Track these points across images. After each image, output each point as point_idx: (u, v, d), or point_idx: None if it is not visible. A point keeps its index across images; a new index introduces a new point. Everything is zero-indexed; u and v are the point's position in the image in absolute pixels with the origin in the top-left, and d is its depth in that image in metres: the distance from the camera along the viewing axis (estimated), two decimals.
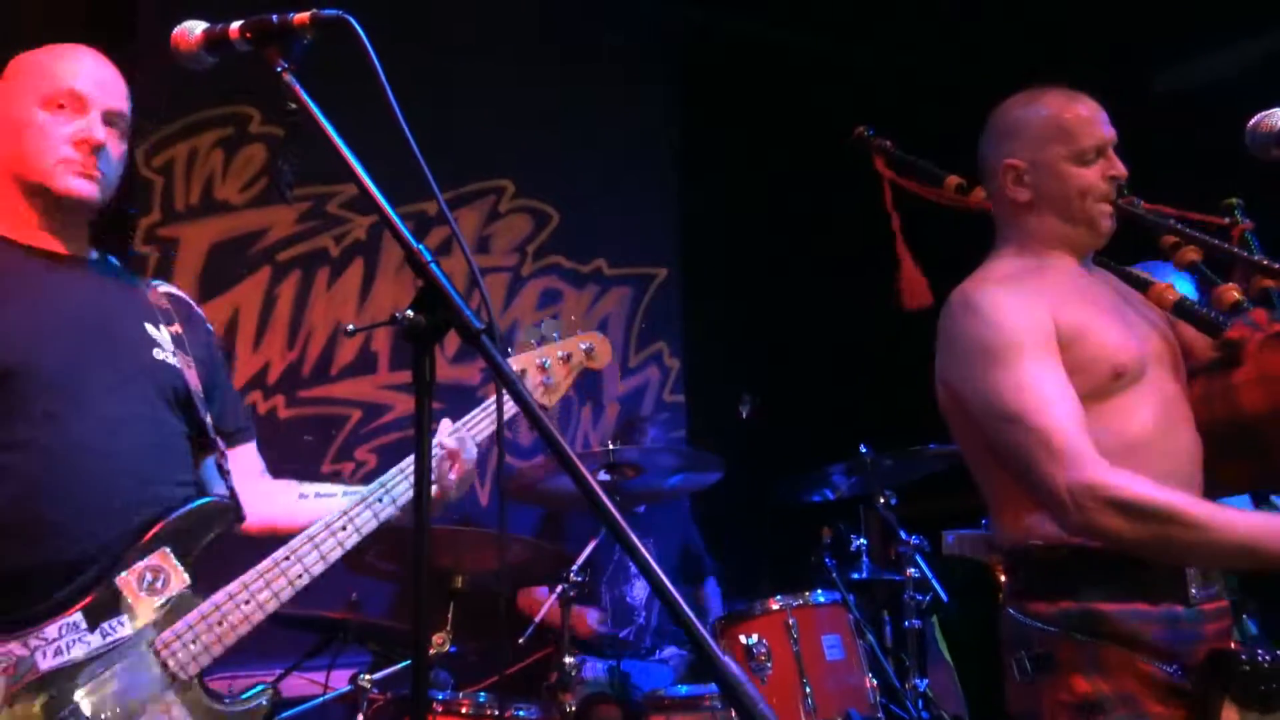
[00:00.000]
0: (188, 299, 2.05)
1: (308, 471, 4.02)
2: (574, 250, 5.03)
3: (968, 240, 2.09)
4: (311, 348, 4.37)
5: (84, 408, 1.75)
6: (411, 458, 1.88)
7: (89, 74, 1.85)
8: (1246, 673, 1.72)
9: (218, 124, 4.21)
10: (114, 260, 1.99)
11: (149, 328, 1.88)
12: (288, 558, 1.81)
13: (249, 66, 1.39)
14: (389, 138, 1.33)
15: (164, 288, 2.02)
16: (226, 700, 1.78)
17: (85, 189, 1.82)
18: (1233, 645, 1.81)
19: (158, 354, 1.87)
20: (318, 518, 1.89)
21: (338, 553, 1.85)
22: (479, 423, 2.04)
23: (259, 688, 1.82)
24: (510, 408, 1.95)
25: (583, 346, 2.19)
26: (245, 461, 2.06)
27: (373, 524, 1.88)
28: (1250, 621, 1.92)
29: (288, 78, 1.31)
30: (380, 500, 1.89)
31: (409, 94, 1.36)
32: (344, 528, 1.86)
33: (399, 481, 1.92)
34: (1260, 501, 2.44)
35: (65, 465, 1.72)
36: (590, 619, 3.83)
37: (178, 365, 1.89)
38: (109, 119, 1.84)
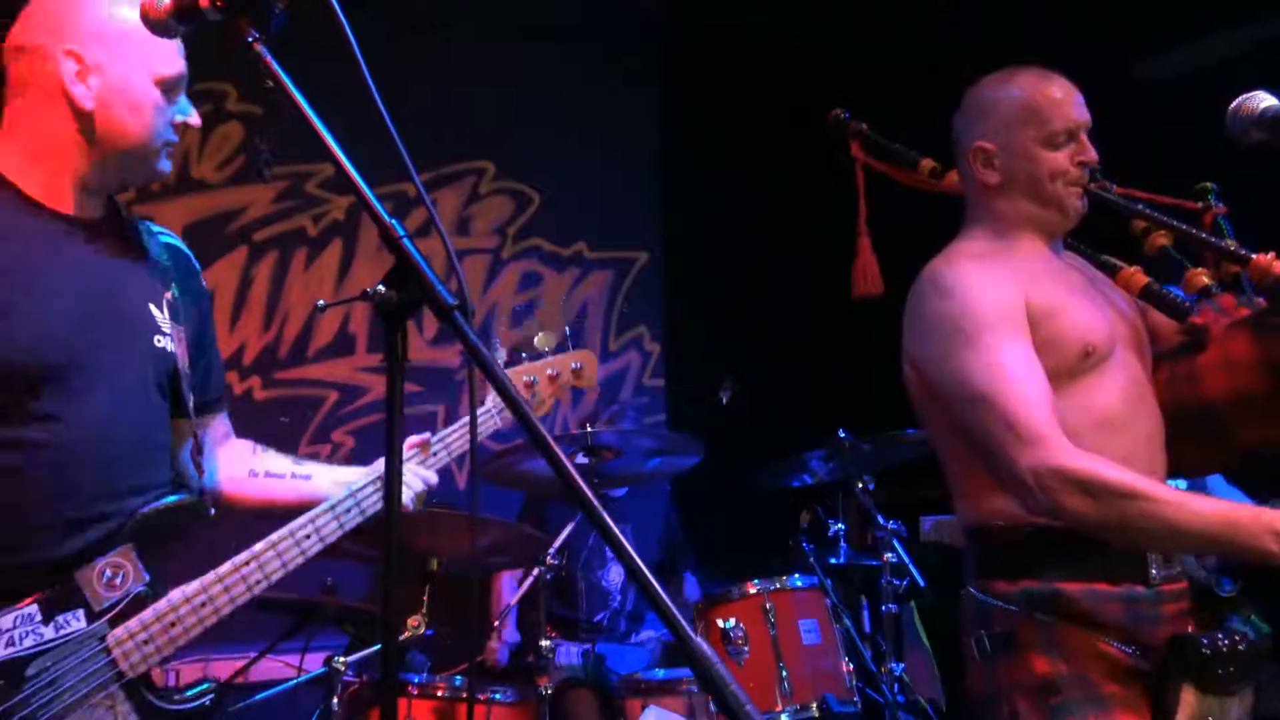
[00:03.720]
0: (186, 251, 2.00)
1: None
2: (555, 233, 5.01)
3: (939, 229, 2.09)
4: (288, 329, 4.34)
5: (82, 409, 1.70)
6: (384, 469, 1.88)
7: (182, 49, 1.81)
8: (1206, 657, 1.74)
9: (194, 100, 4.14)
10: (120, 210, 1.90)
11: (153, 309, 1.83)
12: (249, 563, 1.78)
13: (226, 42, 1.36)
14: (368, 117, 1.31)
15: (165, 237, 1.96)
16: (176, 698, 1.75)
17: (169, 169, 1.84)
18: (1191, 628, 1.82)
19: (158, 341, 1.82)
20: (265, 498, 1.91)
21: (299, 561, 1.83)
22: (457, 439, 2.05)
23: (204, 685, 1.80)
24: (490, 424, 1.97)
25: (573, 365, 2.21)
26: (217, 431, 2.04)
27: (337, 534, 1.87)
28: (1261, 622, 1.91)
29: (259, 48, 1.28)
30: (348, 510, 1.88)
31: (389, 73, 1.34)
32: (308, 536, 1.84)
33: (370, 494, 1.90)
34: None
35: (59, 470, 1.68)
36: (500, 653, 3.79)
37: (172, 349, 1.84)
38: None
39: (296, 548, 1.83)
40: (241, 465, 2.03)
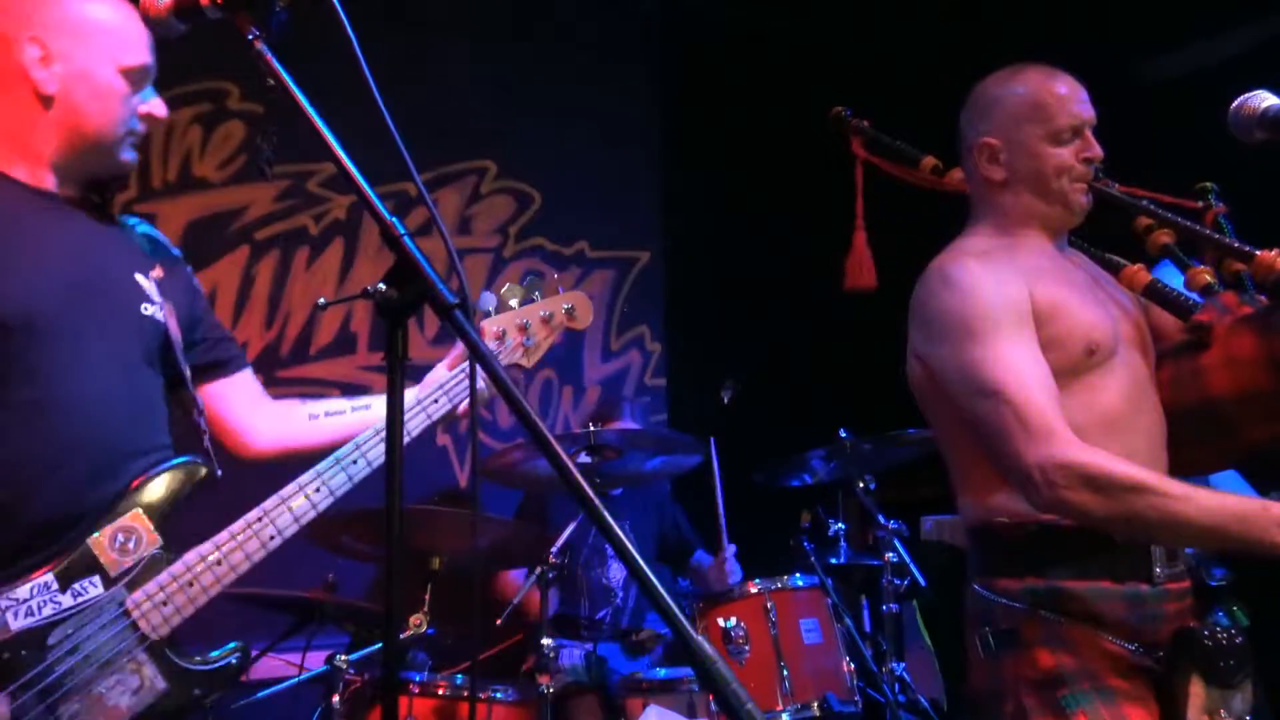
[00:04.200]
0: (164, 239, 2.03)
1: None
2: (556, 232, 5.01)
3: (937, 228, 2.09)
4: (290, 328, 4.34)
5: (75, 369, 1.73)
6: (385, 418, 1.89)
7: (150, 41, 1.83)
8: (1211, 649, 1.75)
9: (196, 100, 4.16)
10: (96, 197, 1.93)
11: (139, 278, 1.86)
12: (260, 518, 1.80)
13: (228, 40, 1.37)
14: (371, 117, 1.31)
15: (142, 227, 2.00)
16: (197, 659, 1.77)
17: (135, 159, 1.85)
18: (1193, 624, 1.82)
19: (145, 308, 1.85)
20: (333, 437, 1.89)
21: (311, 514, 1.83)
22: (458, 383, 2.02)
23: (229, 646, 1.81)
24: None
25: (564, 306, 2.17)
26: (247, 388, 2.06)
27: (347, 485, 1.87)
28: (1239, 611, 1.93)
29: (260, 46, 1.29)
30: (355, 461, 1.87)
31: (391, 73, 1.34)
32: (318, 489, 1.84)
33: (374, 444, 1.89)
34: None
35: (52, 429, 1.70)
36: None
37: (162, 318, 1.87)
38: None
39: (307, 501, 1.83)
40: (297, 414, 2.04)
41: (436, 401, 1.93)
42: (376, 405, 2.01)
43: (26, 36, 1.75)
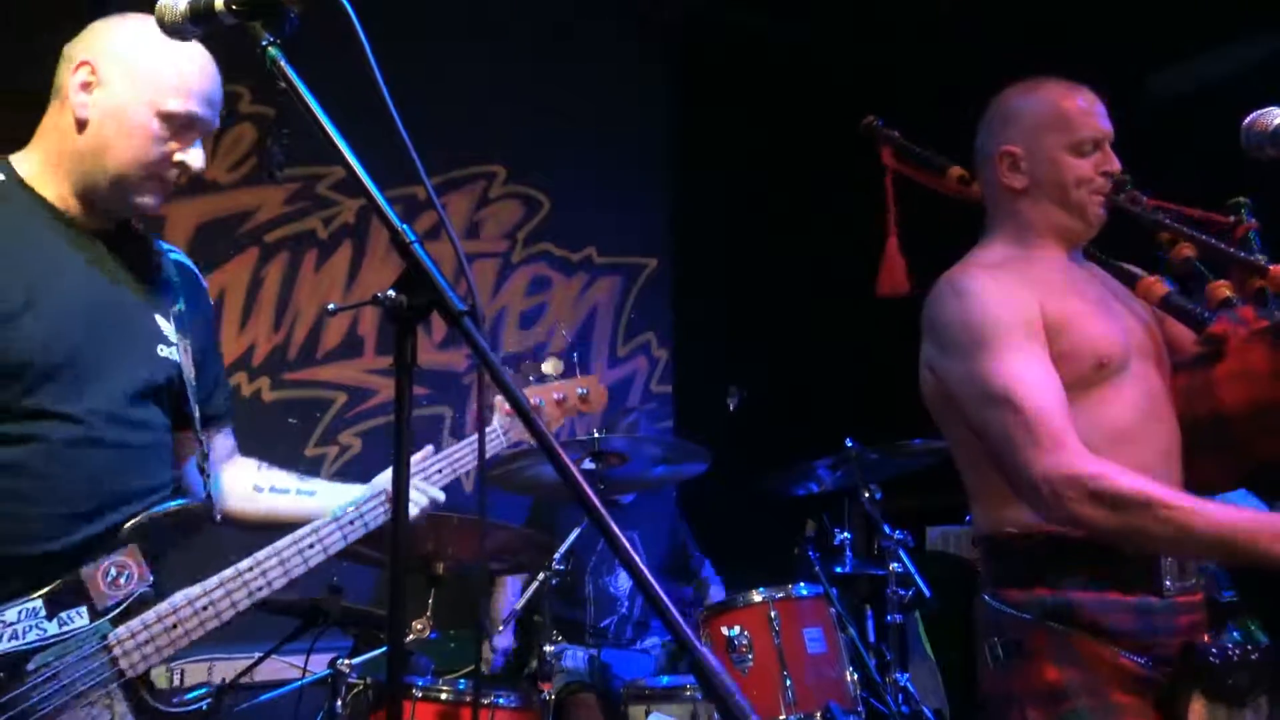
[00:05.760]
0: (193, 267, 2.03)
1: (292, 455, 4.01)
2: (564, 238, 5.02)
3: (952, 242, 2.09)
4: (298, 330, 4.35)
5: (86, 406, 1.73)
6: (388, 486, 1.91)
7: (206, 94, 1.82)
8: (1216, 665, 1.74)
9: None
10: (130, 225, 1.92)
11: (158, 319, 1.86)
12: (251, 569, 1.82)
13: (239, 44, 1.37)
14: (380, 121, 1.31)
15: (174, 255, 1.99)
16: (174, 700, 1.78)
17: (156, 205, 1.82)
18: (1205, 638, 1.82)
19: (162, 350, 1.85)
20: (269, 514, 1.95)
21: (301, 570, 1.87)
22: (464, 456, 2.08)
23: (202, 689, 1.83)
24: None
25: (579, 391, 2.28)
26: (222, 445, 2.06)
27: (340, 545, 1.91)
28: (1259, 631, 1.91)
29: (273, 52, 1.29)
30: (352, 522, 1.93)
31: (401, 78, 1.34)
32: (311, 546, 1.88)
33: (374, 508, 1.95)
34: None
35: (60, 463, 1.71)
36: (494, 660, 3.80)
37: (177, 358, 1.87)
38: (203, 138, 1.84)
39: (299, 556, 1.87)
40: (247, 481, 2.07)
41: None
42: (322, 493, 2.04)
43: (82, 59, 1.75)
